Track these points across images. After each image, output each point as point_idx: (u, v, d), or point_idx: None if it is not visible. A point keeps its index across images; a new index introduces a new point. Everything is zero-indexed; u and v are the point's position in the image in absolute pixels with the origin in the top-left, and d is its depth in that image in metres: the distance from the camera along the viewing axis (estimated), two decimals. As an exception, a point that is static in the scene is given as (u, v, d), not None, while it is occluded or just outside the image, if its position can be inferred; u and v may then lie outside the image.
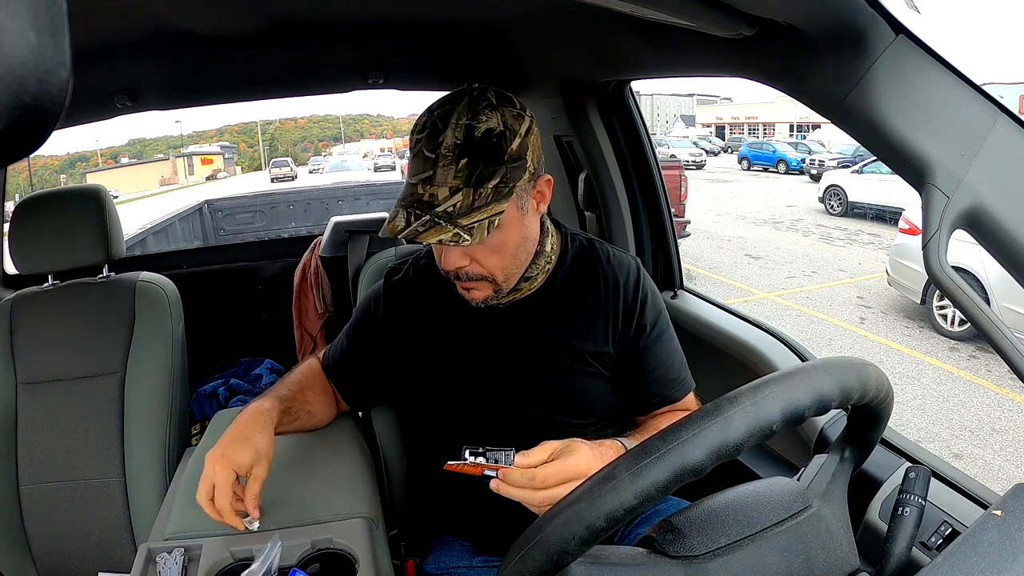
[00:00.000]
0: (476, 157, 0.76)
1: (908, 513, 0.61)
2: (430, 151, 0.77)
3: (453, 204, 0.76)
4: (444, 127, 0.77)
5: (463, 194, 0.76)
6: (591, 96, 1.55)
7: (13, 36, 0.16)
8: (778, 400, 0.50)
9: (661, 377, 0.93)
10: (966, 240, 0.64)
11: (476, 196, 0.76)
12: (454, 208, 0.76)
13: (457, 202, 0.76)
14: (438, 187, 0.76)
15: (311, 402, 0.98)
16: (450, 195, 0.76)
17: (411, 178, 0.79)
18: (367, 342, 1.00)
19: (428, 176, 0.77)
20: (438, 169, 0.76)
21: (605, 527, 0.46)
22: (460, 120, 0.77)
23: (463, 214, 0.76)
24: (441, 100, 0.81)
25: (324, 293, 2.09)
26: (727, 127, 39.51)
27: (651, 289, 0.95)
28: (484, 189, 0.77)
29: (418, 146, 0.79)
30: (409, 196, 0.78)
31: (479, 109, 0.78)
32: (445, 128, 0.77)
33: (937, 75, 0.63)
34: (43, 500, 1.27)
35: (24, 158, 0.19)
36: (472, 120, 0.77)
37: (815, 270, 7.47)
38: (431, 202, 0.76)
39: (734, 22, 0.71)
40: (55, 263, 1.34)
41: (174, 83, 1.57)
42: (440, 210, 0.75)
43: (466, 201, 0.76)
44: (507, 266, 0.85)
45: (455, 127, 0.77)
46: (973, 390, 4.25)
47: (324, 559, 0.80)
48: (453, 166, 0.76)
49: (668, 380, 0.94)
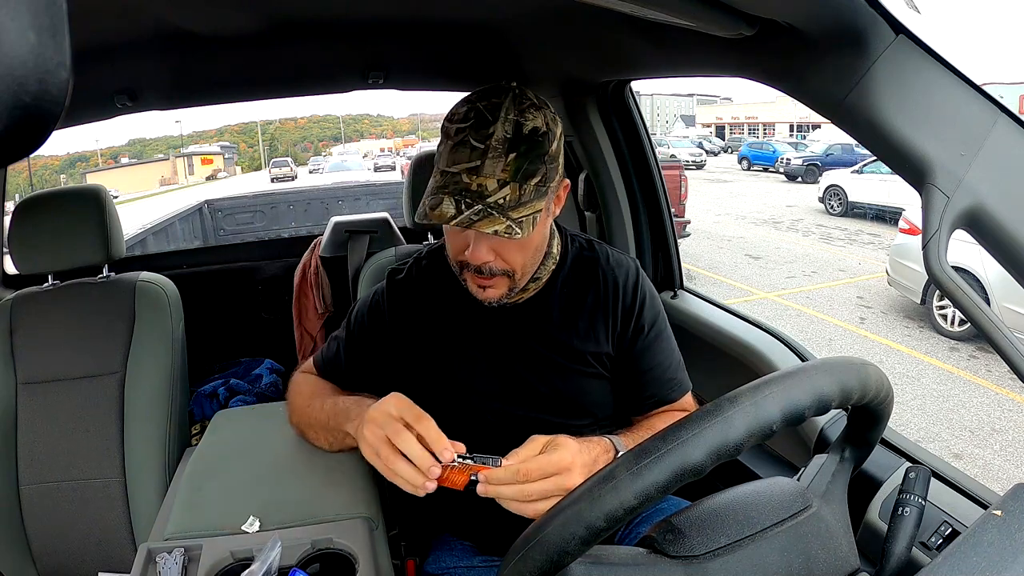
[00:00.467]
0: (523, 153, 0.76)
1: (908, 513, 0.61)
2: (478, 141, 0.76)
3: (503, 196, 0.75)
4: (493, 119, 0.76)
5: (511, 188, 0.76)
6: (591, 96, 1.55)
7: (13, 36, 0.16)
8: (778, 400, 0.50)
9: (658, 377, 0.94)
10: (966, 240, 0.64)
11: (522, 192, 0.77)
12: (504, 200, 0.75)
13: (506, 195, 0.76)
14: (486, 178, 0.75)
15: None
16: (499, 187, 0.76)
17: (450, 166, 0.77)
18: (370, 344, 0.99)
19: (475, 166, 0.76)
20: (487, 160, 0.75)
21: (605, 527, 0.46)
22: (508, 115, 0.77)
23: (512, 207, 0.76)
24: (481, 92, 0.80)
25: (324, 293, 2.09)
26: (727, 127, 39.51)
27: (649, 290, 0.96)
28: (528, 185, 0.77)
29: (460, 135, 0.77)
30: (452, 184, 0.76)
31: (525, 107, 0.78)
32: (495, 121, 0.76)
33: (937, 75, 0.63)
34: (43, 500, 1.27)
35: (24, 158, 0.19)
36: (519, 116, 0.77)
37: (815, 270, 7.47)
38: (481, 192, 0.75)
39: (734, 22, 0.71)
40: (55, 263, 1.34)
41: (174, 83, 1.57)
42: (491, 201, 0.75)
43: (514, 195, 0.76)
44: (527, 263, 0.86)
45: (504, 121, 0.76)
46: (973, 390, 4.25)
47: (324, 559, 0.80)
48: (502, 159, 0.76)
49: (665, 380, 0.95)
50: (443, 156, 0.79)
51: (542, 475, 0.69)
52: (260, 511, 0.86)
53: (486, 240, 0.81)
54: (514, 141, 0.76)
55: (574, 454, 0.71)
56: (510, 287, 0.87)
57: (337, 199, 5.64)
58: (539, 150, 0.78)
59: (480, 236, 0.80)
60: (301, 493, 0.90)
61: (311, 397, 0.97)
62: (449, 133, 0.79)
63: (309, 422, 0.96)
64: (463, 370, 0.93)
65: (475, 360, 0.93)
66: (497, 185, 0.75)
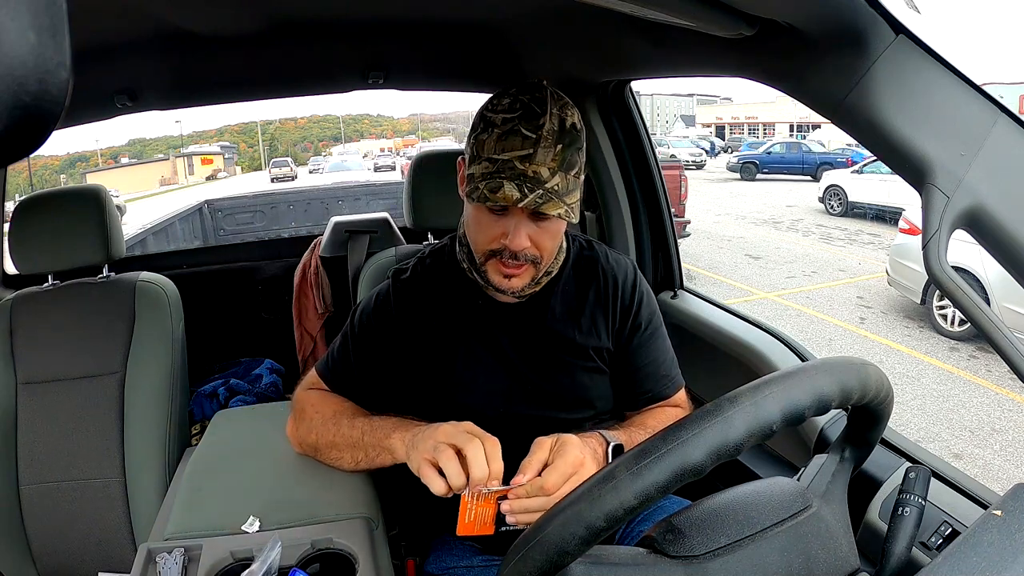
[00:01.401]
0: (567, 145, 0.81)
1: (908, 513, 0.61)
2: (529, 131, 0.79)
3: (556, 183, 0.80)
4: (542, 112, 0.80)
5: (560, 176, 0.80)
6: (591, 96, 1.55)
7: (13, 36, 0.16)
8: (778, 400, 0.50)
9: (653, 374, 0.98)
10: (966, 240, 0.64)
11: (568, 180, 0.81)
12: (558, 187, 0.80)
13: (558, 182, 0.80)
14: (539, 166, 0.79)
15: None
16: (551, 175, 0.80)
17: (501, 154, 0.80)
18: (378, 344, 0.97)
19: (528, 154, 0.79)
20: (539, 149, 0.79)
21: (605, 527, 0.46)
22: (553, 109, 0.81)
23: (565, 194, 0.81)
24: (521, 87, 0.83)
25: (324, 293, 2.09)
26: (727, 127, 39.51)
27: (646, 289, 1.00)
28: (571, 175, 0.82)
29: (509, 124, 0.80)
30: (508, 170, 0.79)
31: (563, 103, 0.83)
32: (543, 113, 0.80)
33: (937, 75, 0.64)
34: (43, 500, 1.27)
35: (24, 158, 0.19)
36: (560, 112, 0.81)
37: (815, 270, 7.47)
38: (537, 178, 0.79)
39: (734, 22, 0.71)
40: (55, 263, 1.34)
41: (174, 83, 1.57)
42: (549, 187, 0.79)
43: (564, 183, 0.81)
44: (552, 251, 0.89)
45: (551, 114, 0.80)
46: (973, 390, 4.25)
47: (324, 559, 0.80)
48: (552, 149, 0.80)
49: (660, 376, 0.98)
50: (488, 144, 0.82)
51: (564, 479, 0.72)
52: (260, 511, 0.86)
53: (525, 226, 0.84)
54: (560, 134, 0.80)
55: (581, 448, 0.75)
56: (533, 276, 0.89)
57: (337, 199, 5.65)
58: (577, 143, 0.83)
59: (521, 223, 0.83)
60: (301, 493, 0.90)
61: (336, 416, 0.94)
62: (495, 122, 0.82)
63: (333, 441, 0.92)
64: (468, 368, 0.94)
65: (480, 358, 0.94)
66: (549, 173, 0.80)
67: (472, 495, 0.73)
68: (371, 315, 0.99)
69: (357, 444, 0.90)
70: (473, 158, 0.84)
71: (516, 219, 0.83)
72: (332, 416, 0.94)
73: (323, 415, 0.96)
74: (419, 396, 0.98)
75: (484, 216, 0.86)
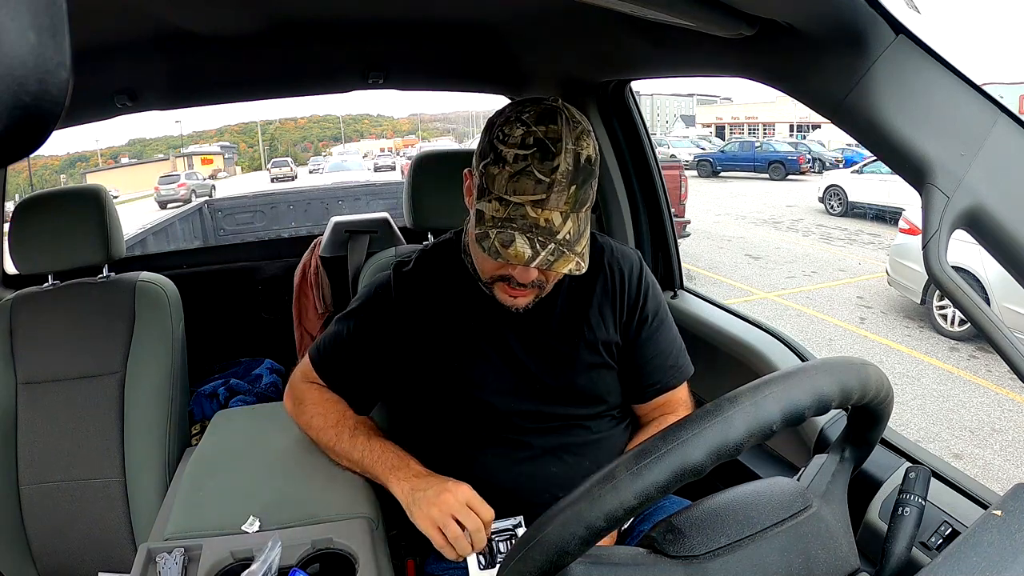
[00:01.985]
0: (581, 184, 0.78)
1: (908, 513, 0.61)
2: (543, 174, 0.76)
3: (568, 231, 0.78)
4: (557, 152, 0.77)
5: (572, 220, 0.78)
6: (591, 96, 1.55)
7: (13, 36, 0.16)
8: (778, 400, 0.50)
9: (661, 366, 0.98)
10: (966, 240, 0.64)
11: (579, 221, 0.80)
12: (570, 235, 0.78)
13: (570, 229, 0.78)
14: (551, 211, 0.77)
15: None
16: (563, 221, 0.78)
17: (512, 196, 0.77)
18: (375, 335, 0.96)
19: (541, 200, 0.77)
20: (552, 194, 0.77)
21: (605, 527, 0.46)
22: (568, 144, 0.77)
23: (576, 240, 0.79)
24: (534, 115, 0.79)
25: (324, 293, 2.09)
26: (727, 127, 39.49)
27: (652, 281, 1.00)
28: (583, 212, 0.80)
29: (521, 164, 0.77)
30: (520, 219, 0.77)
31: (578, 133, 0.79)
32: (559, 153, 0.77)
33: (937, 75, 0.64)
34: (43, 500, 1.27)
35: (24, 158, 0.19)
36: (576, 146, 0.78)
37: (815, 270, 7.47)
38: (549, 228, 0.77)
39: (734, 22, 0.71)
40: (55, 263, 1.34)
41: (174, 83, 1.57)
42: (561, 239, 0.78)
43: (575, 227, 0.79)
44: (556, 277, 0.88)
45: (566, 152, 0.77)
46: (973, 390, 4.25)
47: (324, 559, 0.80)
48: (565, 192, 0.77)
49: (667, 368, 0.98)
50: (499, 181, 0.78)
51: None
52: (260, 511, 0.86)
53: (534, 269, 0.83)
54: (575, 173, 0.78)
55: None
56: (537, 295, 0.89)
57: (337, 199, 5.65)
58: (591, 178, 0.80)
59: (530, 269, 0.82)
60: (301, 493, 0.90)
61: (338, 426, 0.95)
62: (506, 159, 0.78)
63: (333, 448, 0.95)
64: (475, 367, 0.94)
65: (486, 355, 0.94)
66: (561, 219, 0.77)
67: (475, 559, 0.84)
68: (369, 301, 0.98)
69: (356, 463, 0.93)
70: (483, 191, 0.81)
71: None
72: (334, 425, 0.95)
73: (324, 418, 0.96)
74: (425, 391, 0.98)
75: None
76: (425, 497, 0.83)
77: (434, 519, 0.82)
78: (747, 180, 15.93)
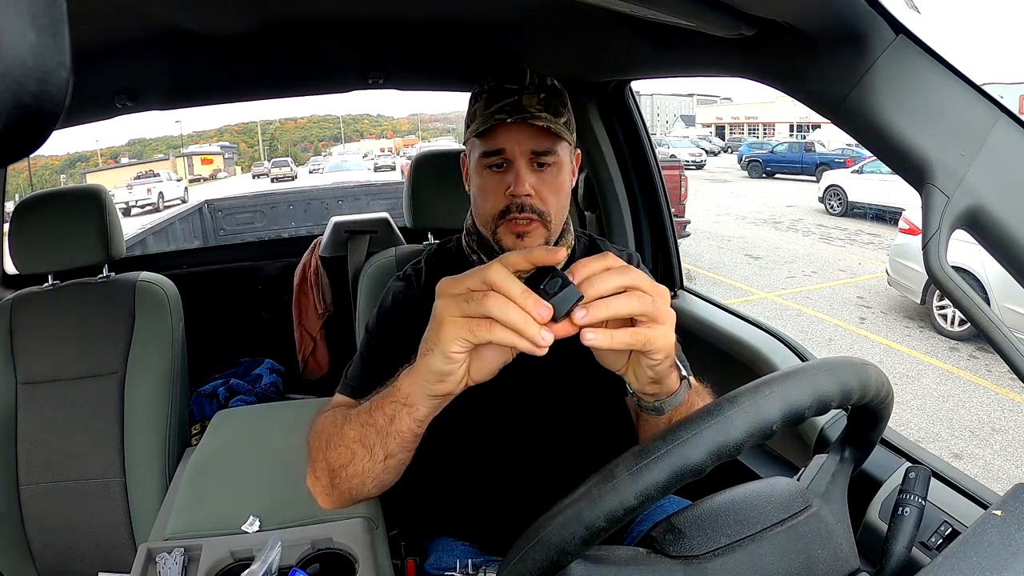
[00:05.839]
0: (551, 95, 0.85)
1: (908, 513, 0.61)
2: (512, 84, 0.84)
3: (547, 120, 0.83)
4: (523, 73, 0.85)
5: (548, 116, 0.84)
6: (591, 96, 1.55)
7: (13, 36, 0.16)
8: (778, 400, 0.50)
9: None
10: (966, 240, 0.64)
11: (556, 121, 0.84)
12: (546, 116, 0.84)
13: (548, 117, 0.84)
14: (528, 106, 0.83)
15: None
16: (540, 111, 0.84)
17: (491, 107, 0.84)
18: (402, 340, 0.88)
19: (515, 100, 0.83)
20: (524, 95, 0.83)
21: (605, 527, 0.46)
22: (533, 74, 0.86)
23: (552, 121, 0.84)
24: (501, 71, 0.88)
25: (324, 293, 2.09)
26: (727, 127, 39.49)
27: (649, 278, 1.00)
28: (560, 120, 0.85)
29: (494, 85, 0.86)
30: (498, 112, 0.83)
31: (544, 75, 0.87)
32: (524, 74, 0.85)
33: (937, 75, 0.63)
34: (43, 500, 1.27)
35: (24, 158, 0.19)
36: (542, 77, 0.86)
37: (815, 270, 7.47)
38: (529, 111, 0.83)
39: (734, 22, 0.71)
40: (55, 263, 1.34)
41: (174, 83, 1.57)
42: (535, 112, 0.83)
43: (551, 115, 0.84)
44: (558, 210, 0.90)
45: (532, 74, 0.85)
46: (973, 390, 4.25)
47: (324, 559, 0.80)
48: (536, 95, 0.84)
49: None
50: (479, 110, 0.86)
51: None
52: (260, 511, 0.86)
53: (526, 174, 0.86)
54: (541, 86, 0.85)
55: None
56: (545, 237, 0.89)
57: (337, 199, 5.65)
58: (560, 97, 0.86)
59: (521, 169, 0.85)
60: (301, 493, 0.90)
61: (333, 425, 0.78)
62: (483, 91, 0.87)
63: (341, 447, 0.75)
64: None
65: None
66: (538, 111, 0.84)
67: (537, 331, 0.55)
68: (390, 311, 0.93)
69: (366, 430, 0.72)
70: (469, 126, 0.89)
71: (517, 166, 0.86)
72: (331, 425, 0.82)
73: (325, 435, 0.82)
74: None
75: (487, 178, 0.88)
76: (427, 340, 0.62)
77: (455, 346, 0.58)
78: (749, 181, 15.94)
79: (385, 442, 0.70)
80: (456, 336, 0.57)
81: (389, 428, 0.69)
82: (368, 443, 0.71)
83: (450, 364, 0.59)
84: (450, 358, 0.58)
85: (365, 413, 0.72)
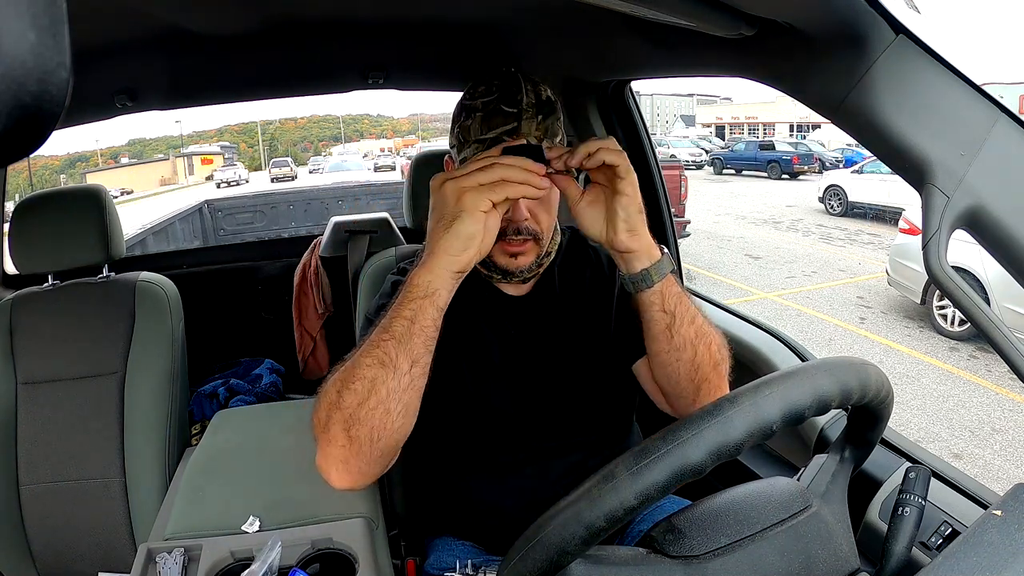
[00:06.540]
0: (547, 115, 0.84)
1: (908, 513, 0.61)
2: (510, 107, 0.82)
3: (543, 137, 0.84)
4: (518, 89, 0.83)
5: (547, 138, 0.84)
6: (591, 96, 1.55)
7: (13, 36, 0.16)
8: (778, 400, 0.50)
9: None
10: (966, 240, 0.64)
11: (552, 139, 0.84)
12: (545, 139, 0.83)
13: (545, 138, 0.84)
14: (526, 136, 0.82)
15: None
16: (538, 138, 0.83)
17: (488, 133, 0.82)
18: None
19: (513, 127, 0.82)
20: (523, 122, 0.82)
21: (605, 527, 0.46)
22: (527, 85, 0.84)
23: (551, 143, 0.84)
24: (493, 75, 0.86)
25: (324, 293, 2.09)
26: (727, 127, 39.48)
27: None
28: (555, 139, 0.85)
29: (490, 107, 0.83)
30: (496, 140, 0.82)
31: (535, 81, 0.86)
32: (520, 90, 0.83)
33: (937, 75, 0.64)
34: (43, 500, 1.27)
35: (24, 158, 0.19)
36: (534, 88, 0.85)
37: (815, 270, 7.47)
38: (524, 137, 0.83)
39: (734, 22, 0.71)
40: (55, 263, 1.34)
41: (174, 83, 1.57)
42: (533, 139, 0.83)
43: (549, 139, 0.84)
44: (549, 227, 0.90)
45: (527, 90, 0.83)
46: (973, 390, 4.25)
47: (324, 559, 0.80)
48: (535, 120, 0.83)
49: None
50: (473, 128, 0.84)
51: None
52: (260, 511, 0.86)
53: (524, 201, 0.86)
54: (538, 105, 0.84)
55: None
56: (537, 255, 0.90)
57: (337, 199, 5.66)
58: (556, 114, 0.86)
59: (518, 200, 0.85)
60: (301, 493, 0.90)
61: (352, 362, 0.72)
62: (476, 107, 0.85)
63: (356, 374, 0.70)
64: (471, 369, 0.93)
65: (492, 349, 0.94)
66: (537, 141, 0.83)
67: None
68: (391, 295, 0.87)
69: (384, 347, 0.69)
70: (462, 144, 0.86)
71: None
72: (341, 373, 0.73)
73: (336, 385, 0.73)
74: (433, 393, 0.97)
75: None
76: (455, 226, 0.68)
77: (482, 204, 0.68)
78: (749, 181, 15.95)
79: (409, 347, 0.69)
80: (479, 198, 0.68)
81: (412, 329, 0.69)
82: (390, 359, 0.68)
83: (477, 224, 0.69)
84: (477, 218, 0.68)
85: (379, 332, 0.70)
